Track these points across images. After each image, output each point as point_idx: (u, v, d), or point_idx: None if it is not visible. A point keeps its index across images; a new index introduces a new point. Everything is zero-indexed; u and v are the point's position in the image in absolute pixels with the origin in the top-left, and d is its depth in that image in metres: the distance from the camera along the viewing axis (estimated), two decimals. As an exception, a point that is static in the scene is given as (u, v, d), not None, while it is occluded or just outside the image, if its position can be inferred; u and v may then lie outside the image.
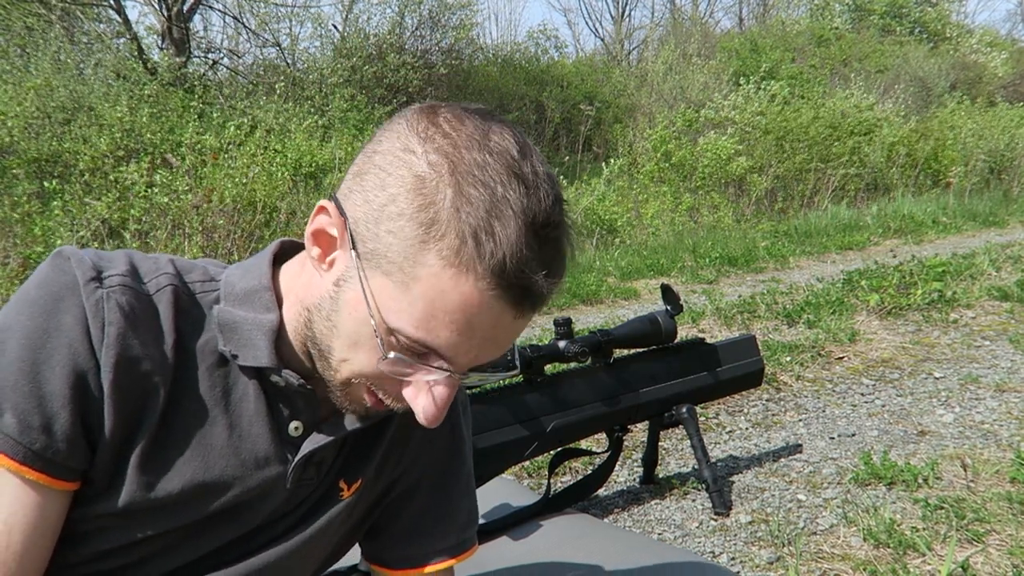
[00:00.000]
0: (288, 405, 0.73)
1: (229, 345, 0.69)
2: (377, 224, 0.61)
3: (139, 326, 0.65)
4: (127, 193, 5.02)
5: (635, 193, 8.32)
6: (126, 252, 0.70)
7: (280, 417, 0.73)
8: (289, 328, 0.71)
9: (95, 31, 8.34)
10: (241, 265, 0.75)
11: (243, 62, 10.22)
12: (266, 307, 0.70)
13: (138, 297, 0.66)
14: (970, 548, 1.76)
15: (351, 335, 0.65)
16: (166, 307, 0.67)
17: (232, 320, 0.69)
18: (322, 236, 0.66)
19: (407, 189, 0.60)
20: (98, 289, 0.64)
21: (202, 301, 0.71)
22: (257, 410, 0.71)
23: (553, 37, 13.26)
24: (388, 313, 0.62)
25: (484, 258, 0.58)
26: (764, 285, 5.07)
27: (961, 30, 19.80)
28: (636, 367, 1.86)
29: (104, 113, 5.98)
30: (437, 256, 0.59)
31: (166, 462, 0.68)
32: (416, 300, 0.60)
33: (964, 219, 8.21)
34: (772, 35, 14.96)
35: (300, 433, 0.74)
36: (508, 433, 1.63)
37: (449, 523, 0.87)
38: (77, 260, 0.65)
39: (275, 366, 0.69)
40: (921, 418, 2.63)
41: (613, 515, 2.03)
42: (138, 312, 0.65)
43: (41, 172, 5.40)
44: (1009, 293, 4.21)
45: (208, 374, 0.69)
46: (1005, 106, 13.08)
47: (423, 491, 0.86)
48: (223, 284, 0.72)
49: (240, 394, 0.71)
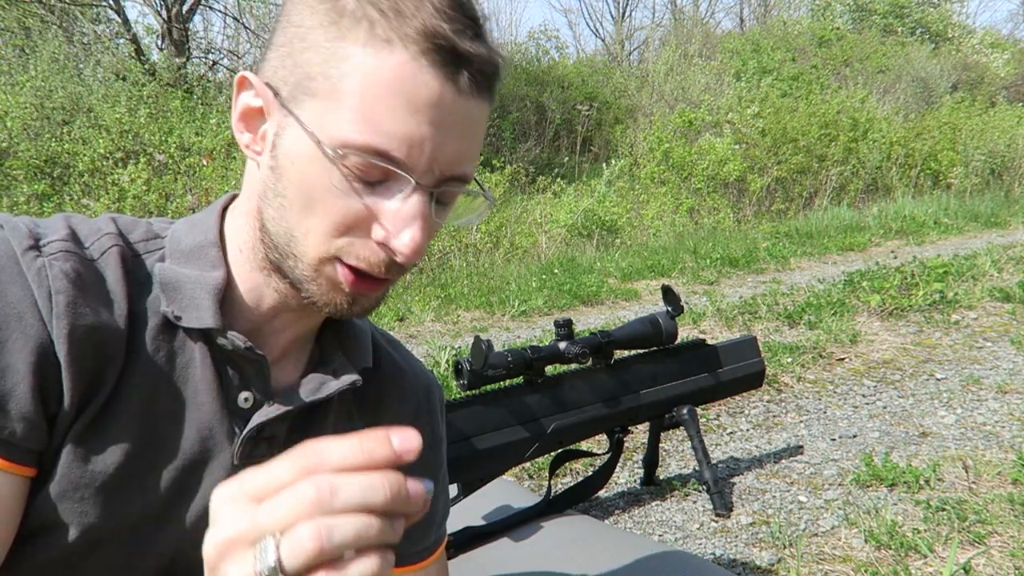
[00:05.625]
0: (238, 373, 0.67)
1: (172, 306, 0.63)
2: (291, 56, 0.59)
3: (89, 292, 0.60)
4: (125, 195, 5.02)
5: (636, 194, 8.32)
6: (64, 216, 0.65)
7: (229, 386, 0.67)
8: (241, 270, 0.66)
9: (94, 31, 8.34)
10: (188, 220, 0.70)
11: (243, 63, 10.22)
12: (212, 264, 0.65)
13: (82, 262, 0.61)
14: (972, 550, 1.75)
15: (302, 191, 0.59)
16: (113, 270, 0.62)
17: (175, 279, 0.64)
18: (248, 116, 0.62)
19: (311, 8, 0.58)
20: (38, 258, 0.59)
21: (147, 261, 0.65)
22: (203, 377, 0.65)
23: (554, 38, 13.34)
24: (327, 129, 0.57)
25: (403, 27, 0.56)
26: (765, 286, 5.07)
27: (963, 31, 19.81)
28: (637, 368, 1.85)
29: (103, 114, 5.97)
30: (355, 44, 0.56)
31: (104, 434, 0.62)
32: (349, 98, 0.56)
33: (965, 220, 8.20)
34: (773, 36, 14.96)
35: (250, 405, 0.68)
36: (509, 434, 1.63)
37: (428, 523, 0.85)
38: (11, 228, 0.60)
39: (219, 327, 0.63)
40: (923, 419, 2.62)
41: (614, 516, 2.03)
42: (85, 278, 0.60)
43: (40, 174, 5.40)
44: (1011, 294, 4.20)
45: (152, 338, 0.64)
46: (1004, 106, 13.08)
47: None
48: (169, 240, 0.67)
49: (186, 360, 0.65)
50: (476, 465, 1.59)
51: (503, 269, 5.88)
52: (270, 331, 0.69)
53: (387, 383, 0.80)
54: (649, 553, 1.29)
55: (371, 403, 0.79)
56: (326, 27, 0.57)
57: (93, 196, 5.13)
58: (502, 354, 1.59)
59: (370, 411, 0.79)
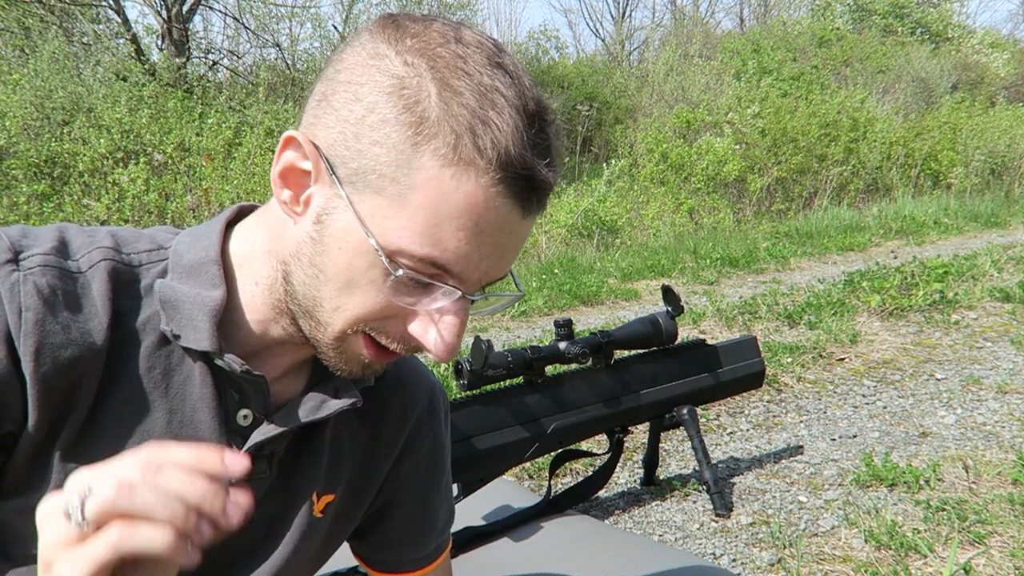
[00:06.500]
0: (237, 391, 0.66)
1: (171, 324, 0.62)
2: (357, 139, 0.56)
3: (61, 309, 0.58)
4: (125, 195, 5.02)
5: (635, 194, 8.31)
6: (58, 226, 0.63)
7: (229, 404, 0.66)
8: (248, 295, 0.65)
9: (94, 31, 8.34)
10: (192, 232, 0.68)
11: (243, 63, 10.23)
12: (212, 282, 0.63)
13: (62, 277, 0.59)
14: (972, 550, 1.75)
15: (342, 274, 0.58)
16: (100, 284, 0.60)
17: (174, 297, 0.62)
18: (291, 174, 0.60)
19: (386, 93, 0.55)
20: (14, 272, 0.57)
21: (147, 274, 0.64)
22: (202, 395, 0.64)
23: (554, 38, 13.32)
24: (387, 234, 0.56)
25: (484, 150, 0.54)
26: (765, 286, 5.07)
27: (963, 31, 19.80)
28: (637, 368, 1.85)
29: (103, 114, 5.98)
30: (433, 157, 0.54)
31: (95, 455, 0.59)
32: (416, 211, 0.55)
33: (965, 220, 8.20)
34: (773, 36, 14.96)
35: (249, 423, 0.67)
36: (509, 434, 1.63)
37: (430, 530, 0.86)
38: None
39: (215, 350, 0.62)
40: (923, 419, 2.62)
41: (614, 516, 2.02)
42: (60, 294, 0.58)
43: (40, 174, 5.40)
44: (1011, 294, 4.20)
45: (148, 355, 0.62)
46: (1004, 106, 13.07)
47: (406, 502, 0.83)
48: (172, 252, 0.65)
49: (183, 377, 0.64)
50: (476, 465, 1.59)
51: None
52: (269, 354, 0.68)
53: (388, 396, 0.79)
54: (649, 553, 1.29)
55: (372, 417, 0.78)
56: (402, 128, 0.54)
57: (93, 196, 5.13)
58: (502, 354, 1.59)
59: (370, 425, 0.78)
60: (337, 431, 0.75)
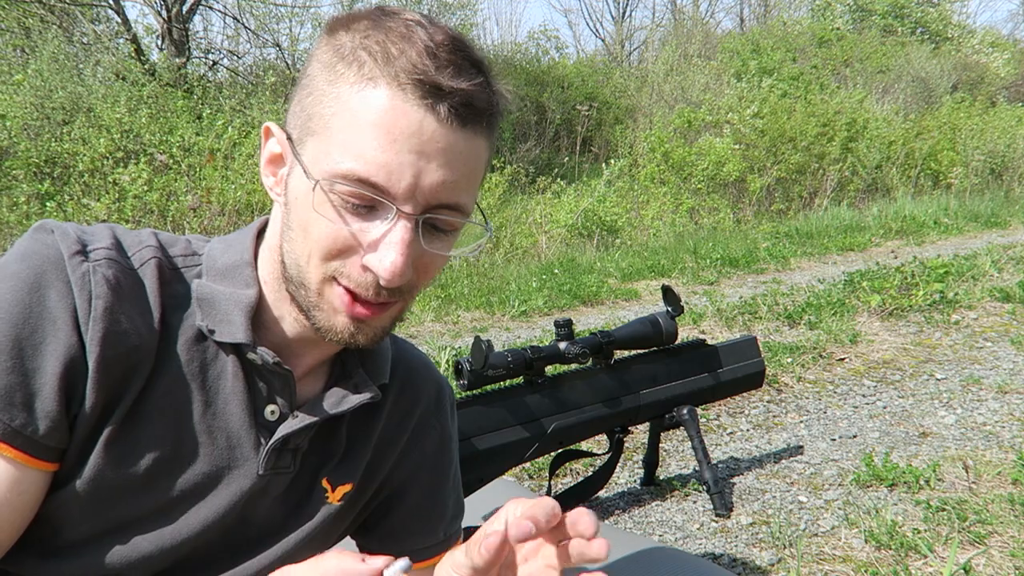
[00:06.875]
0: (266, 386, 0.71)
1: (207, 320, 0.67)
2: (300, 103, 0.64)
3: (126, 299, 0.64)
4: (126, 195, 5.02)
5: (635, 194, 8.31)
6: (109, 226, 0.68)
7: (258, 398, 0.71)
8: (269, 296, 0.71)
9: (94, 31, 8.34)
10: (224, 239, 0.74)
11: (243, 63, 10.23)
12: (246, 283, 0.70)
13: (123, 271, 0.65)
14: (972, 550, 1.75)
15: (301, 223, 0.64)
16: (151, 280, 0.66)
17: (211, 295, 0.68)
18: (272, 162, 0.68)
19: (317, 59, 0.64)
20: (84, 263, 0.62)
21: (185, 275, 0.70)
22: (234, 388, 0.69)
23: (554, 38, 13.32)
24: (319, 165, 0.62)
25: (389, 65, 0.60)
26: (765, 286, 5.07)
27: (963, 31, 19.79)
28: (637, 368, 1.85)
29: (103, 114, 5.98)
30: (345, 83, 0.61)
31: (136, 438, 0.66)
32: (336, 134, 0.61)
33: (965, 220, 8.20)
34: (773, 36, 14.95)
35: (276, 417, 0.72)
36: (509, 434, 1.63)
37: (437, 520, 0.87)
38: (61, 233, 0.64)
39: (250, 342, 0.67)
40: (923, 420, 2.62)
41: (614, 517, 2.03)
42: (124, 285, 0.64)
43: (40, 174, 5.40)
44: (1011, 294, 4.20)
45: (186, 349, 0.67)
46: (1004, 106, 13.07)
47: (412, 492, 0.86)
48: (205, 258, 0.71)
49: (218, 371, 0.69)
50: (476, 465, 1.59)
51: (503, 269, 5.88)
52: (291, 354, 0.73)
53: (400, 391, 0.83)
54: (649, 553, 1.29)
55: (383, 410, 0.82)
56: (326, 72, 0.63)
57: (93, 196, 5.13)
58: (502, 354, 1.59)
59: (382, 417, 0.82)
60: (353, 425, 0.79)
